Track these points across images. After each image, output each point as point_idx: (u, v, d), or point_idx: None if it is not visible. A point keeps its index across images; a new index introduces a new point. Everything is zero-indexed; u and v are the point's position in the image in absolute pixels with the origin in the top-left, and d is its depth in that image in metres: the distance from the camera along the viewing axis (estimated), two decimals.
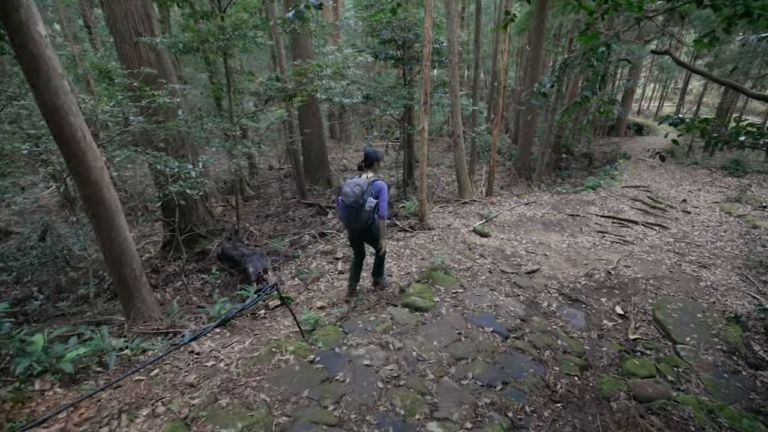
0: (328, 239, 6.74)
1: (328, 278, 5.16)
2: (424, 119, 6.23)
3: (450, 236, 6.69)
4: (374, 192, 3.71)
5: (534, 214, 8.03)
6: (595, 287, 5.29)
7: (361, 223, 3.81)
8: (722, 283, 5.43)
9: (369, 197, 3.67)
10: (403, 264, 5.51)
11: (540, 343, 3.74)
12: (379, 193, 3.73)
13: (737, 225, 7.67)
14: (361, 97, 8.42)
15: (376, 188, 3.72)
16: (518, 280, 5.26)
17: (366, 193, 3.67)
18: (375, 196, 3.71)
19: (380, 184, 3.74)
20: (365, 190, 3.68)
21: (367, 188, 3.69)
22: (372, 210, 3.73)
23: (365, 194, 3.67)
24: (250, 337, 3.49)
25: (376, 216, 3.82)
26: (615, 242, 6.70)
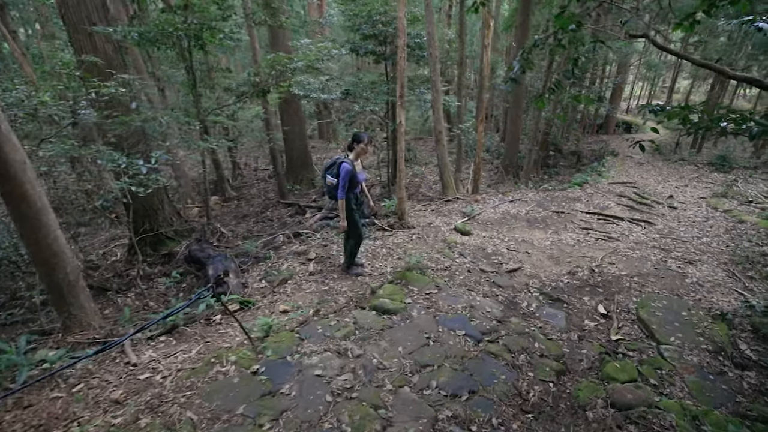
0: (303, 239, 6.46)
1: (296, 280, 4.87)
2: (401, 113, 5.99)
3: (430, 235, 6.44)
4: (336, 171, 3.99)
5: (518, 211, 7.81)
6: (577, 286, 5.07)
7: (325, 192, 4.31)
8: (708, 280, 5.24)
9: (329, 174, 4.04)
10: (378, 264, 5.25)
11: (515, 346, 3.49)
12: (339, 174, 3.96)
13: (723, 220, 7.52)
14: (340, 93, 8.15)
15: (339, 169, 3.96)
16: (498, 280, 5.02)
17: (328, 170, 4.07)
18: (336, 175, 3.99)
19: (344, 166, 3.94)
20: (328, 166, 4.09)
21: (330, 165, 4.08)
22: (332, 187, 4.06)
23: (327, 170, 4.08)
24: (198, 345, 3.20)
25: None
26: (600, 239, 6.50)
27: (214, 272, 4.39)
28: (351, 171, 3.98)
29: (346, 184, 3.99)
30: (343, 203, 4.10)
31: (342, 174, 3.93)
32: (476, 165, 10.07)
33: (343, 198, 4.06)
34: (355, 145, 4.14)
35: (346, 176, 3.95)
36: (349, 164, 3.97)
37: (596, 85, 17.02)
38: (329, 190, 4.14)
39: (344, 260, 4.87)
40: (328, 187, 4.13)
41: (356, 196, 4.42)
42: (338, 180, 3.95)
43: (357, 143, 4.12)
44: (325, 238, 6.44)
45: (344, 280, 4.81)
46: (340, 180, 3.94)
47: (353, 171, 4.04)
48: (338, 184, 3.96)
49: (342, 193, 4.01)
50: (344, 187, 3.99)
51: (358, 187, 4.39)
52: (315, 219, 7.30)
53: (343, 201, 4.08)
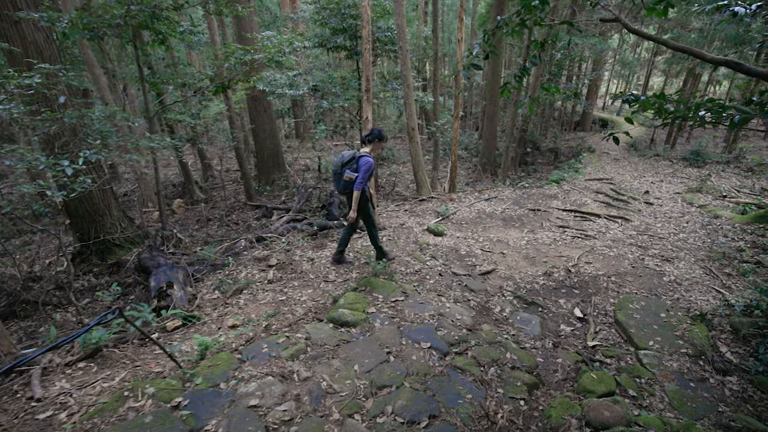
0: (266, 244, 6.05)
1: (252, 289, 4.48)
2: (368, 109, 5.65)
3: (401, 236, 6.12)
4: (356, 165, 4.11)
5: (494, 210, 7.57)
6: (553, 287, 4.83)
7: (339, 188, 4.32)
8: (686, 278, 5.07)
9: (349, 169, 4.12)
10: (342, 269, 4.89)
11: (485, 358, 3.19)
12: (359, 167, 4.09)
13: (699, 215, 7.44)
14: (307, 89, 7.75)
15: (360, 162, 4.09)
16: (470, 283, 4.74)
17: (346, 165, 4.15)
18: (355, 169, 4.10)
19: (366, 159, 4.08)
20: (346, 161, 4.15)
21: (349, 160, 4.14)
22: (349, 183, 4.13)
23: (345, 165, 4.15)
24: (125, 371, 2.79)
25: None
26: (576, 237, 6.30)
27: (156, 284, 3.96)
28: (372, 164, 4.15)
29: (366, 177, 4.10)
30: (359, 195, 4.14)
31: (365, 166, 4.06)
32: (453, 163, 9.82)
33: (360, 189, 4.11)
34: (375, 142, 4.26)
35: (368, 169, 4.08)
36: (371, 157, 4.13)
37: (572, 82, 17.04)
38: (345, 185, 4.20)
39: (338, 247, 4.92)
40: (345, 182, 4.18)
41: (368, 187, 4.45)
42: (358, 173, 4.08)
43: (378, 140, 4.26)
44: (290, 242, 6.05)
45: (305, 288, 4.45)
46: (361, 172, 4.06)
47: (374, 165, 4.23)
48: (357, 178, 4.07)
49: (360, 185, 4.09)
50: (364, 180, 4.09)
51: (369, 182, 4.43)
52: (281, 222, 6.89)
53: (359, 193, 4.13)
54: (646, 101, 3.31)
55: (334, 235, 6.24)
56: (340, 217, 6.95)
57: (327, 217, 7.31)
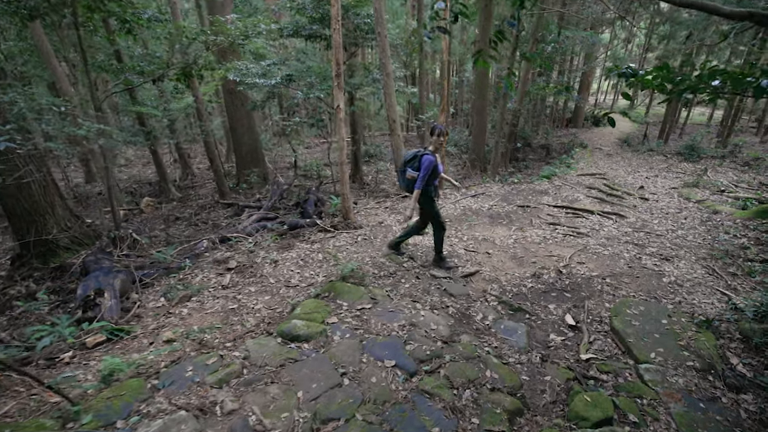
0: (231, 244, 5.52)
1: (203, 296, 3.95)
2: (339, 96, 5.14)
3: (379, 235, 5.61)
4: (418, 164, 4.00)
5: (480, 206, 7.10)
6: (543, 290, 4.35)
7: (402, 186, 4.31)
8: (687, 278, 4.62)
9: (410, 168, 4.06)
10: (307, 273, 4.38)
11: (460, 377, 2.70)
12: (420, 166, 3.98)
13: (697, 211, 7.02)
14: (279, 79, 7.22)
15: (422, 161, 3.96)
16: (451, 287, 4.25)
17: (409, 163, 4.08)
18: (417, 168, 4.00)
19: (427, 157, 3.95)
20: (409, 159, 4.10)
21: (411, 158, 4.08)
22: (411, 181, 4.06)
23: (408, 164, 4.10)
24: (12, 403, 2.25)
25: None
26: (568, 235, 5.84)
27: (83, 291, 3.41)
28: (434, 162, 3.97)
29: (427, 176, 3.96)
30: (417, 194, 4.03)
31: (425, 165, 3.92)
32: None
33: (420, 189, 4.00)
34: (434, 138, 4.06)
35: (428, 167, 3.92)
36: (432, 156, 3.96)
37: (564, 76, 16.64)
38: (408, 183, 4.13)
39: (435, 254, 4.75)
40: (407, 181, 4.12)
41: (435, 187, 4.33)
42: (419, 172, 3.97)
43: (434, 136, 4.05)
44: (257, 242, 5.52)
45: (262, 294, 3.93)
46: (421, 171, 3.95)
47: (436, 162, 4.02)
48: (419, 176, 3.97)
49: (420, 184, 3.97)
50: (424, 179, 3.96)
51: (437, 180, 4.28)
52: (251, 221, 6.36)
53: (419, 192, 4.01)
54: (646, 76, 2.84)
55: (306, 235, 5.73)
56: (313, 215, 6.43)
57: (302, 215, 6.79)
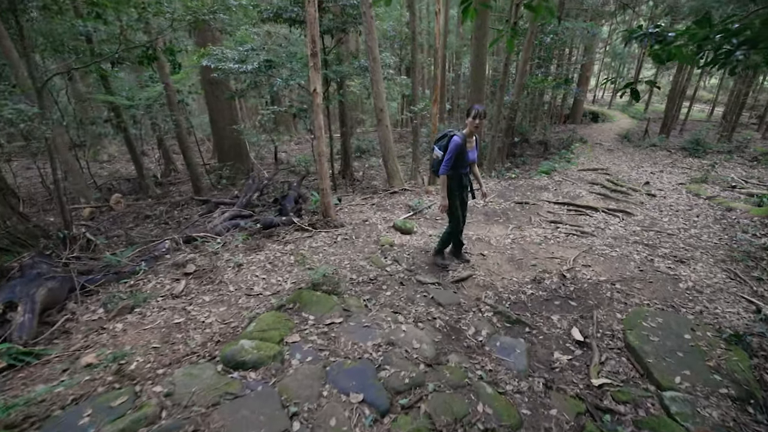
0: (196, 245, 4.94)
1: (147, 307, 3.37)
2: (315, 79, 4.56)
3: (361, 235, 5.05)
4: (445, 144, 3.62)
5: (475, 203, 6.54)
6: (544, 298, 3.80)
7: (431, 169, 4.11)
8: (707, 283, 4.09)
9: (437, 146, 3.70)
10: (274, 279, 3.81)
11: (445, 415, 2.15)
12: (447, 147, 3.59)
13: (709, 208, 6.50)
14: (257, 64, 6.63)
15: (450, 142, 3.57)
16: (439, 295, 3.69)
17: (438, 141, 3.71)
18: (443, 148, 3.62)
19: (454, 139, 3.55)
20: (439, 137, 3.73)
21: (441, 137, 3.71)
22: (437, 161, 3.70)
23: (437, 142, 3.73)
24: None
25: None
26: (571, 234, 5.29)
27: None
28: (460, 145, 3.53)
29: (452, 160, 3.57)
30: (444, 180, 3.67)
31: (450, 147, 3.53)
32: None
33: (445, 174, 3.63)
34: (468, 119, 3.55)
35: (454, 150, 3.52)
36: (460, 138, 3.52)
37: (563, 68, 16.11)
38: (434, 164, 3.83)
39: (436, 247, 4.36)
40: (433, 161, 3.81)
41: (462, 176, 3.85)
42: (444, 153, 3.59)
43: (469, 117, 3.55)
44: (226, 243, 4.94)
45: (217, 304, 3.36)
46: (447, 153, 3.56)
47: (462, 146, 3.55)
48: (443, 158, 3.59)
49: (445, 169, 3.61)
50: (449, 163, 3.58)
51: (467, 168, 3.84)
52: (222, 218, 5.77)
53: (444, 178, 3.65)
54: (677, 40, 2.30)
55: (281, 234, 5.15)
56: (291, 212, 5.86)
57: (280, 212, 6.22)
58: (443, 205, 3.77)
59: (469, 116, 3.54)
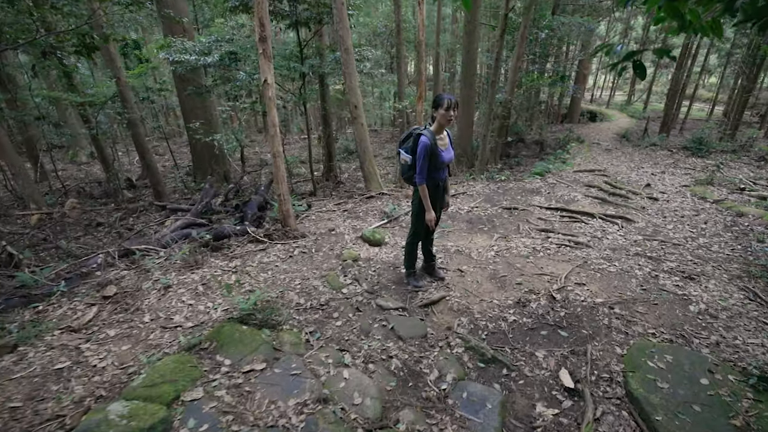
0: (133, 260, 4.29)
1: (36, 345, 2.73)
2: (266, 68, 3.93)
3: (323, 247, 4.41)
4: (412, 146, 3.00)
5: (459, 209, 5.91)
6: (529, 327, 3.17)
7: (402, 177, 3.24)
8: (721, 305, 3.46)
9: (403, 150, 3.10)
10: (202, 306, 3.17)
11: None
12: (415, 150, 2.96)
13: (718, 213, 5.87)
14: (218, 56, 6.00)
15: (418, 144, 2.93)
16: (401, 324, 3.06)
17: (403, 143, 3.13)
18: (412, 151, 3.00)
19: (422, 141, 2.91)
20: (404, 139, 3.14)
21: (406, 138, 3.11)
22: (407, 167, 3.10)
23: (402, 144, 3.14)
24: None
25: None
26: (563, 245, 4.66)
27: None
28: (429, 147, 2.89)
29: (425, 165, 2.93)
30: (424, 191, 3.00)
31: (419, 151, 2.88)
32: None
33: (423, 184, 2.98)
34: (436, 112, 2.91)
35: (423, 153, 2.88)
36: (428, 138, 2.88)
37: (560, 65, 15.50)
38: (403, 170, 3.17)
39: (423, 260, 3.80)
40: (402, 167, 3.18)
41: (439, 184, 3.21)
42: (414, 157, 2.97)
43: (435, 108, 2.92)
44: (170, 257, 4.30)
45: (120, 342, 2.72)
46: (417, 158, 2.91)
47: (432, 147, 2.91)
48: (413, 163, 2.98)
49: (422, 179, 2.96)
50: (423, 168, 2.93)
51: (444, 171, 3.21)
52: (173, 227, 5.13)
53: (423, 188, 2.99)
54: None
55: (232, 247, 4.51)
56: (251, 220, 5.22)
57: (242, 219, 5.59)
58: (429, 218, 3.12)
59: (440, 107, 2.86)
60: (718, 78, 27.35)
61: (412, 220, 3.39)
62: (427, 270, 3.87)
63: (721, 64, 26.17)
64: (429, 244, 3.71)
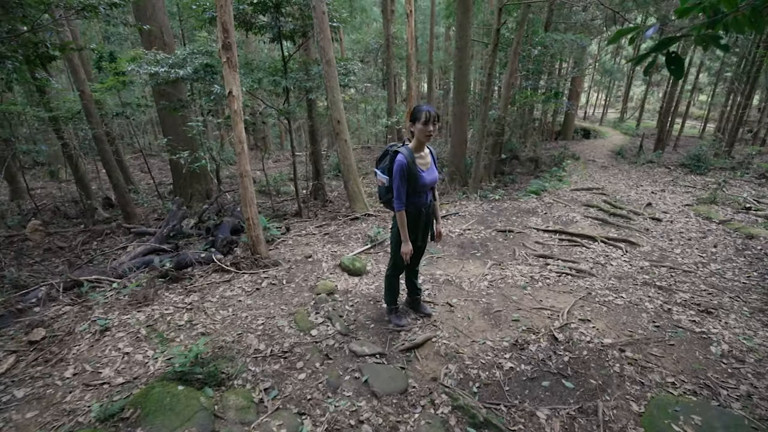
0: (79, 293, 3.79)
1: None
2: (230, 78, 3.54)
3: (296, 278, 3.94)
4: (388, 165, 2.59)
5: (450, 231, 5.47)
6: (528, 376, 2.70)
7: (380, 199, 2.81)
8: (747, 346, 3.02)
9: (380, 170, 2.71)
10: (140, 355, 2.67)
11: None
12: (391, 172, 2.53)
13: (726, 235, 5.48)
14: (192, 69, 5.63)
15: (394, 164, 2.49)
16: (377, 376, 2.58)
17: (380, 163, 2.74)
18: (389, 171, 2.58)
19: (398, 160, 2.48)
20: (380, 158, 2.74)
21: (382, 157, 2.72)
22: (384, 189, 2.70)
23: (378, 163, 2.75)
24: None
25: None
26: (564, 273, 4.22)
27: None
28: (406, 166, 2.49)
29: (402, 187, 2.54)
30: (402, 218, 2.61)
31: (395, 171, 2.49)
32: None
33: (401, 210, 2.59)
34: (414, 126, 2.51)
35: (399, 174, 2.49)
36: (405, 156, 2.49)
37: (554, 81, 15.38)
38: (380, 192, 2.81)
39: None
40: (379, 189, 2.82)
41: (421, 210, 2.74)
42: (391, 179, 2.57)
43: (413, 122, 2.51)
44: (122, 289, 3.80)
45: (25, 408, 2.21)
46: (393, 180, 2.53)
47: (410, 166, 2.51)
48: (393, 188, 2.55)
49: (400, 204, 2.57)
50: (400, 192, 2.54)
51: (427, 195, 2.79)
52: (133, 254, 4.64)
53: (401, 215, 2.60)
54: None
55: (195, 277, 4.03)
56: (222, 247, 4.75)
57: (212, 244, 5.11)
58: (405, 251, 2.69)
59: (417, 121, 2.46)
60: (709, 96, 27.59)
61: (391, 250, 2.95)
62: (411, 305, 3.41)
63: (711, 83, 26.45)
64: (413, 276, 3.26)
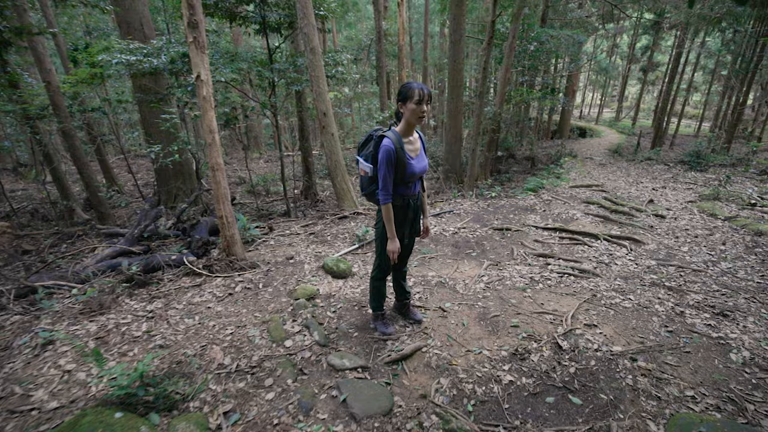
0: (33, 301, 3.42)
1: None
2: (198, 61, 3.20)
3: (274, 281, 3.60)
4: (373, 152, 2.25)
5: (443, 230, 5.15)
6: (531, 390, 2.38)
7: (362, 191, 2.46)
8: (765, 349, 2.72)
9: (362, 157, 2.35)
10: (84, 373, 2.32)
11: None
12: (376, 158, 2.21)
13: (734, 232, 5.20)
14: (166, 58, 5.27)
15: (379, 149, 2.18)
16: (358, 394, 2.24)
17: (362, 150, 2.37)
18: (373, 158, 2.24)
19: (385, 146, 2.14)
20: (363, 144, 2.37)
21: (365, 142, 2.35)
22: (366, 180, 2.36)
23: (361, 150, 2.38)
24: None
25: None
26: (566, 273, 3.90)
27: None
28: (393, 153, 2.14)
29: (388, 178, 2.19)
30: (387, 212, 2.26)
31: (381, 159, 2.15)
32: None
33: (388, 203, 2.24)
34: (402, 107, 2.16)
35: (386, 162, 2.14)
36: (392, 141, 2.14)
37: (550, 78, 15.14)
38: (362, 183, 2.44)
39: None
40: (361, 180, 2.44)
41: (409, 202, 2.43)
42: (375, 167, 2.24)
43: (402, 102, 2.14)
44: (76, 299, 3.43)
45: None
46: (378, 168, 2.19)
47: (397, 153, 2.16)
48: (376, 176, 2.24)
49: (385, 196, 2.22)
50: (387, 184, 2.20)
51: (416, 185, 2.46)
52: (100, 257, 4.28)
53: (387, 209, 2.25)
54: None
55: (164, 281, 3.67)
56: (197, 249, 4.40)
57: (189, 246, 4.76)
58: (392, 248, 2.37)
59: (409, 100, 2.09)
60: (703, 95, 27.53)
61: (377, 249, 2.62)
62: (399, 310, 3.08)
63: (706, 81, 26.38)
64: (401, 278, 2.93)
